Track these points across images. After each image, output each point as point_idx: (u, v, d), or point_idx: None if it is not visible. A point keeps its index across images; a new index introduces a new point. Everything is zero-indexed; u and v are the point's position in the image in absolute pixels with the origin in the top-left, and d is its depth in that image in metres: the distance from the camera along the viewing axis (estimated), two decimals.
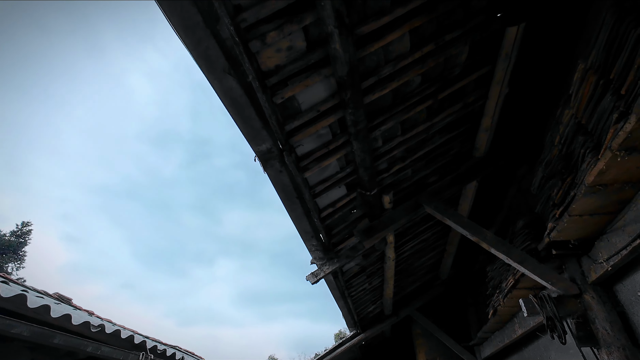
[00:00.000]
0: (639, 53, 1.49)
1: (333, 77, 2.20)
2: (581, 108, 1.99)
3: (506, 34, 2.51)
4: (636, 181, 1.84)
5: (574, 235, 2.33)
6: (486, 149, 3.47)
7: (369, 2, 1.97)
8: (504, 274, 3.47)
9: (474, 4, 2.29)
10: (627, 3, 1.62)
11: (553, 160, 2.40)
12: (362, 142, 2.60)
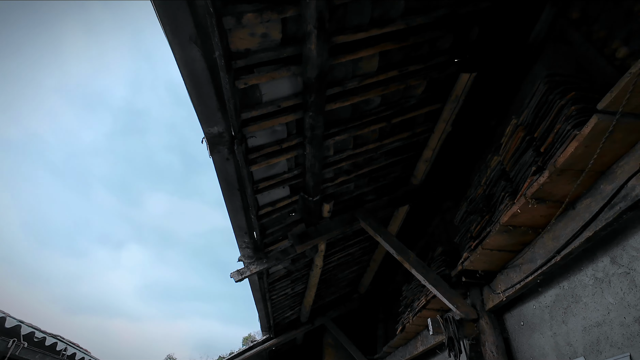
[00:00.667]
0: (559, 120, 1.78)
1: (301, 77, 2.18)
2: (507, 157, 2.29)
3: (459, 79, 2.79)
4: (538, 227, 2.16)
5: (482, 267, 2.63)
6: (423, 178, 3.76)
7: (349, 15, 2.02)
8: (418, 294, 3.76)
9: (439, 44, 2.50)
10: (557, 77, 1.93)
11: (477, 198, 2.70)
12: (315, 148, 2.62)
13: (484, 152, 3.41)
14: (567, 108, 1.74)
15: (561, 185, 1.81)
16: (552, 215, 2.01)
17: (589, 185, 1.79)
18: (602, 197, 1.70)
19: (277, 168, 2.81)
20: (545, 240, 2.12)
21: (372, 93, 2.56)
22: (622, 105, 1.36)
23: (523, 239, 2.28)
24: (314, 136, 2.51)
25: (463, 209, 2.98)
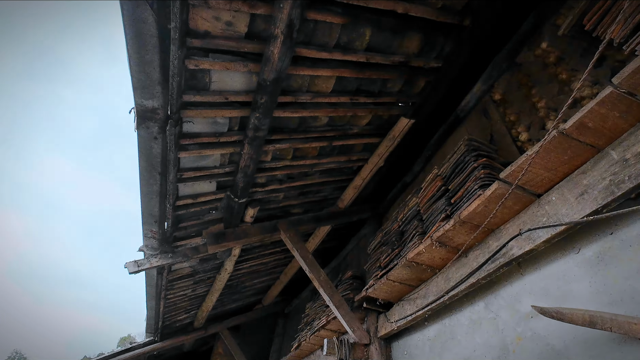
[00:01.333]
0: (470, 179, 2.06)
1: (257, 76, 2.14)
2: (424, 201, 2.55)
3: (399, 121, 3.05)
4: (435, 267, 2.43)
5: (383, 296, 2.82)
6: (349, 203, 3.94)
7: (317, 33, 2.08)
8: (320, 313, 3.84)
9: (389, 85, 2.71)
10: (475, 143, 2.24)
11: (392, 231, 2.93)
12: (254, 150, 2.55)
13: (405, 191, 3.74)
14: (478, 170, 2.03)
15: (461, 234, 2.08)
16: (449, 259, 2.28)
17: (481, 239, 2.08)
18: (488, 251, 1.99)
19: (209, 161, 2.66)
20: (439, 280, 2.38)
21: (322, 112, 2.64)
22: (517, 179, 1.65)
23: (422, 276, 2.53)
24: (255, 138, 2.46)
25: (378, 239, 3.19)
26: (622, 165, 1.41)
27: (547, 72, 2.19)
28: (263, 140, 2.52)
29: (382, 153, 3.32)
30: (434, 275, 2.48)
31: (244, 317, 6.38)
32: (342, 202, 3.97)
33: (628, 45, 1.32)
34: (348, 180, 3.77)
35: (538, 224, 1.70)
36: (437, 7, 2.22)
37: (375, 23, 2.12)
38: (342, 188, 3.89)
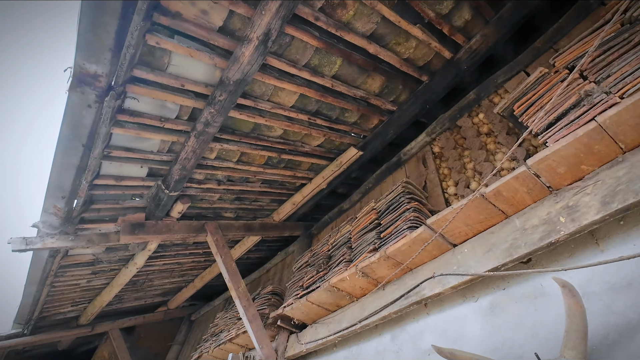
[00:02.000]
0: (401, 218, 2.22)
1: (221, 72, 2.07)
2: (356, 230, 2.66)
3: (348, 150, 3.19)
4: (354, 296, 2.52)
5: (299, 316, 2.82)
6: (284, 218, 3.93)
7: (292, 48, 2.11)
8: (231, 325, 3.67)
9: (347, 115, 2.84)
10: (411, 186, 2.45)
11: (321, 254, 2.98)
12: (200, 144, 2.42)
13: (340, 217, 3.87)
14: (409, 212, 2.21)
15: (383, 268, 2.21)
16: (368, 290, 2.40)
17: (400, 276, 2.24)
18: (404, 287, 2.14)
19: (146, 144, 2.44)
20: (356, 308, 2.47)
21: (278, 123, 2.63)
22: (441, 228, 1.83)
23: (340, 302, 2.60)
24: (204, 132, 2.34)
25: (306, 258, 3.21)
26: (521, 233, 1.67)
27: (479, 140, 2.52)
28: (212, 137, 2.41)
29: (327, 176, 3.41)
30: (351, 303, 2.56)
31: (142, 319, 5.78)
32: (277, 215, 3.94)
33: (542, 136, 1.60)
34: (288, 195, 3.77)
35: (449, 270, 1.90)
36: (403, 58, 2.43)
37: (347, 55, 2.23)
38: (280, 201, 3.87)
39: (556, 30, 2.27)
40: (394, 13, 2.05)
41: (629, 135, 1.39)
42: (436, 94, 2.72)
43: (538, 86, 1.77)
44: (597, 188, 1.46)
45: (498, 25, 2.33)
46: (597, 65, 1.53)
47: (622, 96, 1.33)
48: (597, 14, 2.09)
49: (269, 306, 3.39)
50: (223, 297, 5.67)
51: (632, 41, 1.42)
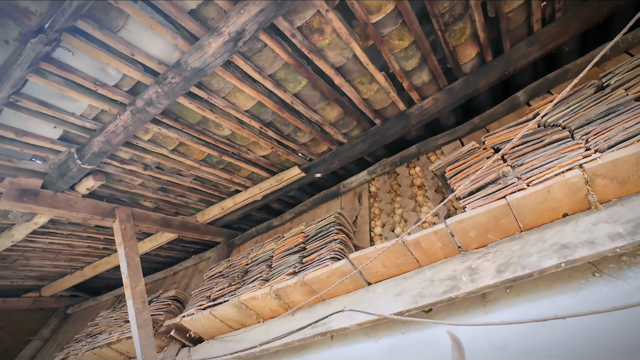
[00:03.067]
0: (326, 247, 2.25)
1: (180, 54, 1.94)
2: (280, 249, 2.61)
3: (292, 168, 3.19)
4: (261, 317, 2.42)
5: (198, 329, 2.61)
6: (209, 220, 3.70)
7: (262, 55, 2.07)
8: (115, 327, 3.23)
9: (299, 134, 2.85)
10: (342, 217, 2.51)
11: (238, 266, 2.85)
12: (135, 122, 2.19)
13: (267, 232, 3.78)
14: (335, 243, 2.25)
15: (298, 294, 2.18)
16: (277, 313, 2.33)
17: (312, 304, 2.23)
18: (314, 316, 2.13)
19: (69, 105, 2.12)
20: (260, 330, 2.37)
21: (227, 123, 2.53)
22: (361, 265, 1.89)
23: (246, 321, 2.47)
24: (143, 110, 2.12)
25: (220, 268, 3.03)
26: (429, 284, 1.80)
27: (411, 190, 2.73)
28: (150, 118, 2.20)
29: (264, 188, 3.34)
30: (257, 324, 2.46)
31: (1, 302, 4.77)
32: (202, 216, 3.70)
33: (463, 201, 1.80)
34: (220, 198, 3.58)
35: (360, 307, 1.95)
36: (363, 97, 2.57)
37: (313, 79, 2.27)
38: (209, 203, 3.65)
39: (491, 114, 2.62)
40: (365, 55, 2.18)
41: (527, 217, 1.62)
42: (384, 138, 2.90)
43: (468, 157, 2.01)
44: (496, 256, 1.66)
45: (448, 94, 2.61)
46: (515, 153, 1.79)
47: (529, 184, 1.57)
48: (523, 111, 2.48)
49: (166, 312, 3.08)
50: (114, 294, 5.01)
51: (543, 141, 1.71)
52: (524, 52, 2.37)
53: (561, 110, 1.81)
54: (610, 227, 1.43)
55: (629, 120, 1.47)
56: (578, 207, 1.56)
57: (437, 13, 2.04)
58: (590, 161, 1.44)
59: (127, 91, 2.14)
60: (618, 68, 1.75)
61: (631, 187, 1.47)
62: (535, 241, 1.59)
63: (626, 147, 1.40)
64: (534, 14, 2.21)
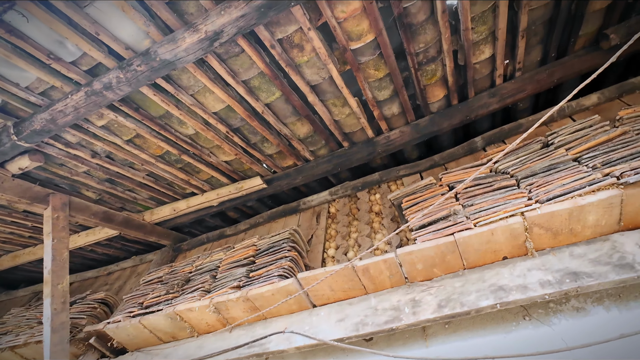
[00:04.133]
0: (275, 263, 2.17)
1: (151, 43, 1.84)
2: (228, 261, 2.49)
3: (254, 178, 3.11)
4: (196, 331, 2.26)
5: (123, 338, 2.36)
6: (157, 221, 3.47)
7: (238, 59, 2.04)
8: (25, 328, 2.84)
9: (265, 144, 2.81)
10: (297, 235, 2.46)
11: (180, 273, 2.66)
12: (88, 105, 2.02)
13: (219, 241, 3.61)
14: (286, 260, 2.19)
15: (239, 310, 2.07)
16: (214, 328, 2.19)
17: (252, 322, 2.12)
18: (252, 335, 2.03)
19: (13, 73, 1.92)
20: (193, 345, 2.21)
21: (192, 122, 2.42)
22: (308, 286, 1.84)
23: (179, 334, 2.29)
24: (100, 94, 1.97)
25: (160, 273, 2.82)
26: (373, 312, 1.79)
27: (369, 215, 2.76)
28: (107, 103, 2.05)
29: (222, 195, 3.21)
30: (190, 338, 2.29)
31: None
32: (150, 215, 3.46)
33: (415, 233, 1.84)
34: (173, 198, 3.38)
35: (301, 330, 1.88)
36: (334, 118, 2.60)
37: (287, 92, 2.27)
38: (160, 202, 3.43)
39: (451, 153, 2.77)
40: (340, 78, 2.22)
41: (471, 256, 1.69)
42: (350, 161, 2.94)
43: (425, 191, 2.08)
44: (439, 291, 1.70)
45: (414, 129, 2.73)
46: (467, 193, 1.88)
47: (476, 225, 1.65)
48: (479, 155, 2.64)
49: (89, 317, 2.78)
50: (33, 289, 4.46)
51: (493, 186, 1.82)
52: (485, 102, 2.56)
53: (511, 160, 1.95)
54: (542, 274, 1.52)
55: (567, 178, 1.61)
56: (517, 252, 1.65)
57: (412, 52, 2.15)
58: (531, 210, 1.55)
59: (86, 71, 1.99)
60: (562, 130, 1.94)
61: (563, 238, 1.59)
62: (476, 280, 1.65)
63: (562, 201, 1.52)
64: (498, 69, 2.41)
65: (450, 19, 2.06)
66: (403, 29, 2.00)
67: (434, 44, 2.16)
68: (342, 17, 1.87)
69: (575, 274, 1.46)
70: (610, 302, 1.47)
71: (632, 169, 1.45)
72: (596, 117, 1.89)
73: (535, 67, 2.49)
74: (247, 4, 1.62)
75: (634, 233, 1.49)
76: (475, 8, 2.00)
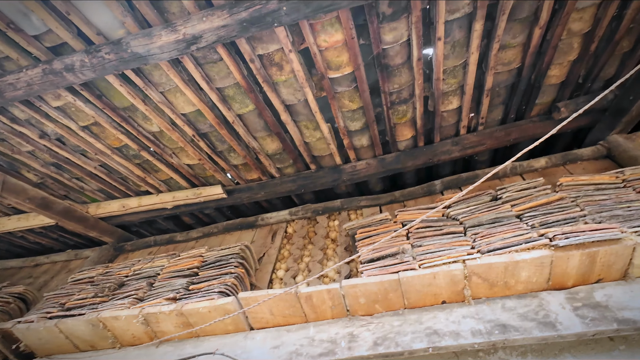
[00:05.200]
0: (219, 278, 2.08)
1: (126, 34, 1.79)
2: (170, 269, 2.35)
3: (215, 186, 3.02)
4: (119, 341, 2.08)
5: (32, 342, 2.10)
6: (103, 216, 3.24)
7: (215, 67, 2.02)
8: None
9: (232, 154, 2.75)
10: (249, 251, 2.39)
11: (115, 276, 2.46)
12: (44, 83, 1.89)
13: (166, 246, 3.42)
14: (230, 277, 2.10)
15: (170, 324, 1.94)
16: (140, 341, 2.03)
17: (183, 339, 1.99)
18: (179, 354, 1.89)
19: None
20: (113, 357, 2.02)
21: (159, 120, 2.34)
22: (248, 306, 1.77)
23: (98, 343, 2.09)
24: (60, 74, 1.86)
25: (93, 273, 2.60)
26: (310, 342, 1.74)
27: (324, 241, 2.75)
28: (67, 84, 1.93)
29: (179, 199, 3.08)
30: (111, 349, 2.09)
31: None
32: (96, 208, 3.23)
33: (363, 266, 1.84)
34: (124, 194, 3.19)
35: (232, 353, 1.79)
36: (304, 140, 2.62)
37: (261, 107, 2.26)
38: (110, 196, 3.22)
39: (411, 192, 2.86)
40: (315, 103, 2.26)
41: (413, 297, 1.72)
42: (314, 184, 2.95)
43: (379, 225, 2.11)
44: (377, 328, 1.69)
45: (380, 163, 2.81)
46: (418, 233, 1.93)
47: (421, 266, 1.68)
48: (436, 197, 2.75)
49: (1, 312, 2.48)
50: None
51: (442, 230, 1.88)
52: (448, 148, 2.70)
53: (462, 208, 2.04)
54: (474, 322, 1.57)
55: (508, 232, 1.71)
56: (455, 297, 1.70)
57: (387, 91, 2.25)
58: (472, 259, 1.61)
59: (48, 48, 1.87)
60: (510, 186, 2.07)
61: (498, 290, 1.66)
62: (414, 321, 1.67)
63: (500, 255, 1.60)
64: (463, 120, 2.57)
65: (425, 68, 2.19)
66: (380, 68, 2.09)
67: (407, 87, 2.28)
68: (324, 46, 1.92)
69: (504, 326, 1.52)
70: (532, 358, 1.53)
71: (563, 233, 1.56)
72: (541, 180, 2.05)
73: (495, 125, 2.69)
74: (231, 16, 1.63)
75: (559, 293, 1.59)
76: (448, 62, 2.14)
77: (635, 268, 1.53)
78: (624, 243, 1.48)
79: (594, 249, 1.49)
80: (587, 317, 1.45)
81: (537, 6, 1.88)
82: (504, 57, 2.17)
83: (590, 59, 2.24)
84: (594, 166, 2.52)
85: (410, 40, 1.96)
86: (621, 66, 2.33)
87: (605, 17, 1.95)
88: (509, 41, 2.07)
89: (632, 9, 1.91)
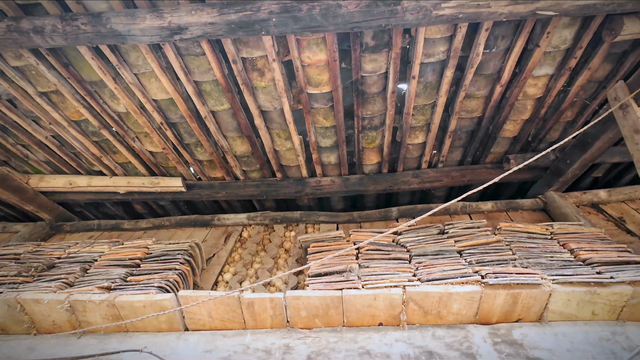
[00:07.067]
0: (161, 273, 2.00)
1: (109, 10, 1.74)
2: (109, 257, 2.22)
3: (174, 179, 2.93)
4: (36, 328, 1.91)
5: None
6: (44, 190, 3.00)
7: (195, 61, 2.01)
8: None
9: (199, 149, 2.70)
10: (197, 250, 2.33)
11: (47, 256, 2.28)
12: (4, 39, 1.78)
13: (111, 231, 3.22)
14: (173, 272, 2.03)
15: (99, 315, 1.82)
16: (61, 329, 1.86)
17: (109, 332, 1.87)
18: (102, 348, 1.77)
19: None
20: (24, 344, 1.84)
21: (127, 102, 2.26)
22: (186, 306, 1.72)
23: (12, 328, 1.90)
24: (26, 34, 1.75)
25: (21, 250, 2.39)
26: (244, 350, 1.72)
27: (278, 250, 2.74)
28: (31, 45, 1.83)
29: (134, 185, 2.95)
30: (26, 335, 1.91)
31: None
32: (38, 180, 2.99)
33: (310, 280, 1.87)
34: (74, 170, 2.99)
35: (161, 353, 1.71)
36: (274, 147, 2.64)
37: (236, 108, 2.27)
38: (58, 170, 3.01)
39: (368, 214, 2.97)
40: (291, 114, 2.30)
41: (352, 315, 1.77)
42: (277, 193, 2.96)
43: (332, 242, 2.17)
44: (314, 342, 1.71)
45: (344, 183, 2.90)
46: (367, 255, 2.01)
47: (364, 286, 1.75)
48: (391, 223, 2.87)
49: None
50: None
51: (389, 255, 1.98)
52: (408, 179, 2.86)
53: (411, 236, 2.16)
54: (405, 347, 1.65)
55: (447, 265, 1.83)
56: (392, 321, 1.78)
57: (360, 115, 2.36)
58: (411, 286, 1.70)
59: (19, 5, 1.77)
60: (457, 224, 2.23)
61: (431, 318, 1.76)
62: (350, 340, 1.71)
63: (437, 285, 1.71)
64: (425, 155, 2.74)
65: (397, 101, 2.33)
66: (357, 93, 2.20)
67: (379, 115, 2.40)
68: (308, 62, 2.00)
69: (431, 353, 1.61)
70: None
71: (494, 272, 1.71)
72: (484, 222, 2.23)
73: (453, 165, 2.90)
74: (220, 16, 1.65)
75: (484, 328, 1.72)
76: (419, 100, 2.30)
77: (550, 312, 1.70)
78: (542, 288, 1.65)
79: (518, 290, 1.65)
80: (504, 353, 1.58)
81: (500, 66, 2.10)
82: (468, 105, 2.38)
83: (539, 121, 2.51)
84: (531, 216, 2.78)
85: (388, 73, 2.09)
86: (564, 132, 2.63)
87: (555, 88, 2.22)
88: (474, 92, 2.28)
89: (576, 86, 2.19)
